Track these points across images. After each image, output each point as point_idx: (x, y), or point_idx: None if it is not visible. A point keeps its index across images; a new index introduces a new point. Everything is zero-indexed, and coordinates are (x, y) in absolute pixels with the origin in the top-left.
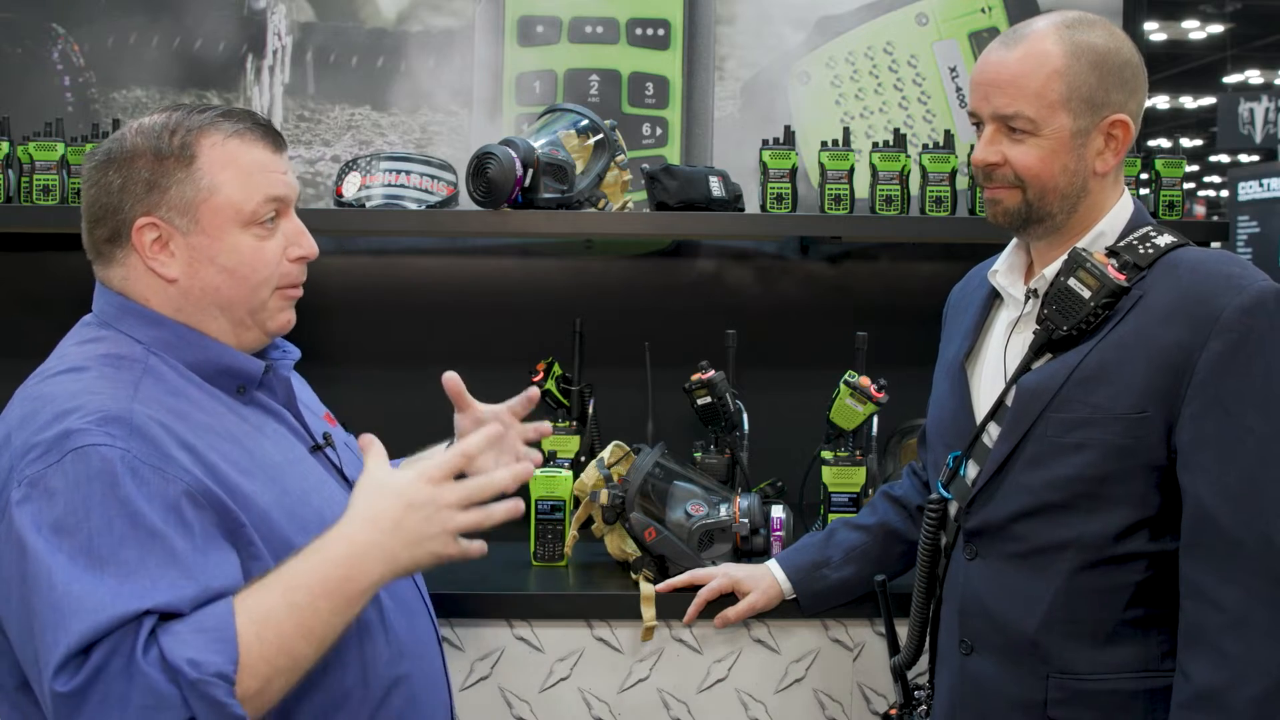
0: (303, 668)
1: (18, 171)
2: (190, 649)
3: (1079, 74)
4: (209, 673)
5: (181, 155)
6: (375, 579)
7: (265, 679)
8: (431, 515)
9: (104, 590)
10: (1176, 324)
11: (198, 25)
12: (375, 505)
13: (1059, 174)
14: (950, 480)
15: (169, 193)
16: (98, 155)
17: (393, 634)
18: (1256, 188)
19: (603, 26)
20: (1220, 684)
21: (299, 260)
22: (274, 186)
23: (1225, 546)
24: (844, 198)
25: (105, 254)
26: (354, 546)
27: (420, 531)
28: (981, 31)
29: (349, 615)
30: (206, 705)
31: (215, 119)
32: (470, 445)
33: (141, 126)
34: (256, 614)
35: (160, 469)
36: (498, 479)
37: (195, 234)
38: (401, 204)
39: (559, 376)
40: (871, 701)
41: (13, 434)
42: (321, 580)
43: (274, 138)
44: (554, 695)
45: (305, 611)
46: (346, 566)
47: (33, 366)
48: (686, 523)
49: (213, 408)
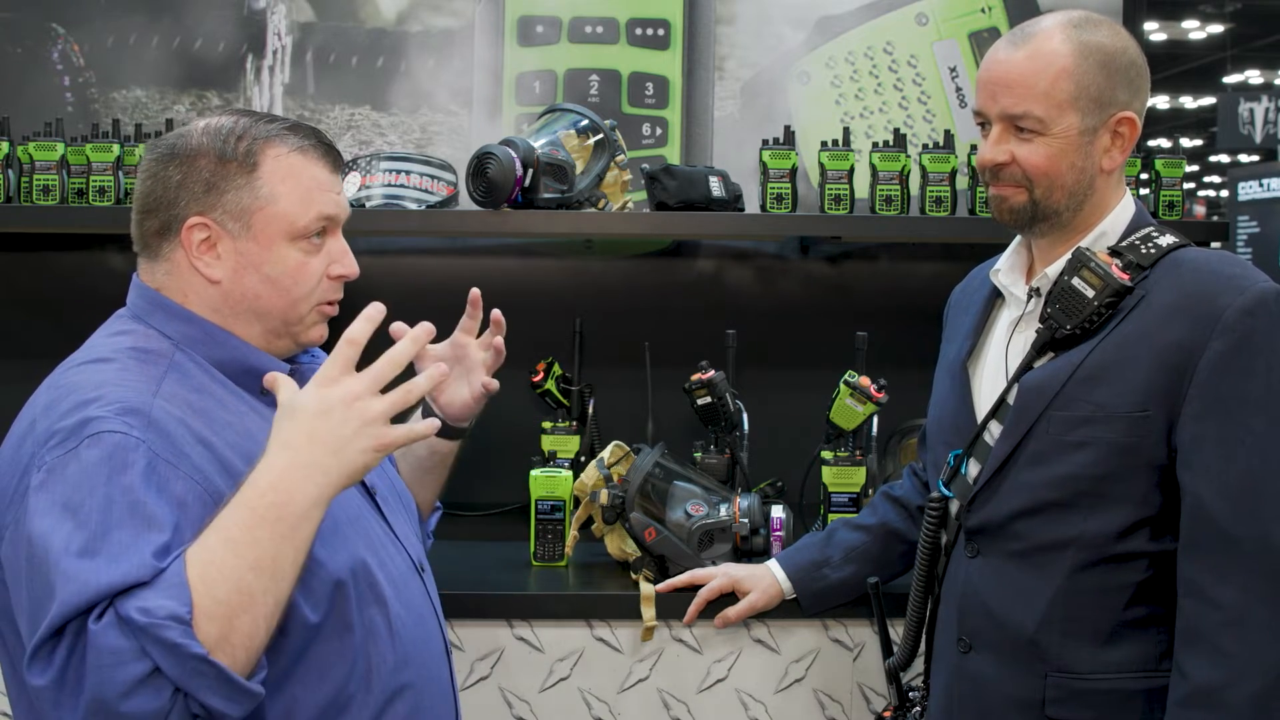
0: (265, 602)
1: (18, 171)
2: (140, 600)
3: (1087, 73)
4: (160, 616)
5: (245, 162)
6: (311, 497)
7: (224, 619)
8: (344, 415)
9: (89, 571)
10: (1178, 324)
11: (198, 25)
12: (286, 428)
13: (1066, 172)
14: (951, 478)
15: (226, 196)
16: (160, 148)
17: (399, 640)
18: (1256, 188)
19: (603, 26)
20: (1218, 682)
21: (339, 278)
22: (327, 205)
23: (1224, 545)
24: (844, 198)
25: (152, 246)
26: (275, 473)
27: (338, 434)
28: (981, 31)
29: (297, 540)
30: (163, 649)
31: (282, 131)
32: (353, 330)
33: (209, 127)
34: (200, 558)
35: (173, 464)
36: (398, 353)
37: (245, 240)
38: (401, 204)
39: (559, 376)
40: (871, 701)
41: (37, 420)
42: (251, 512)
43: (335, 158)
44: (554, 695)
45: (244, 545)
46: (274, 493)
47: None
48: (686, 523)
49: (235, 406)
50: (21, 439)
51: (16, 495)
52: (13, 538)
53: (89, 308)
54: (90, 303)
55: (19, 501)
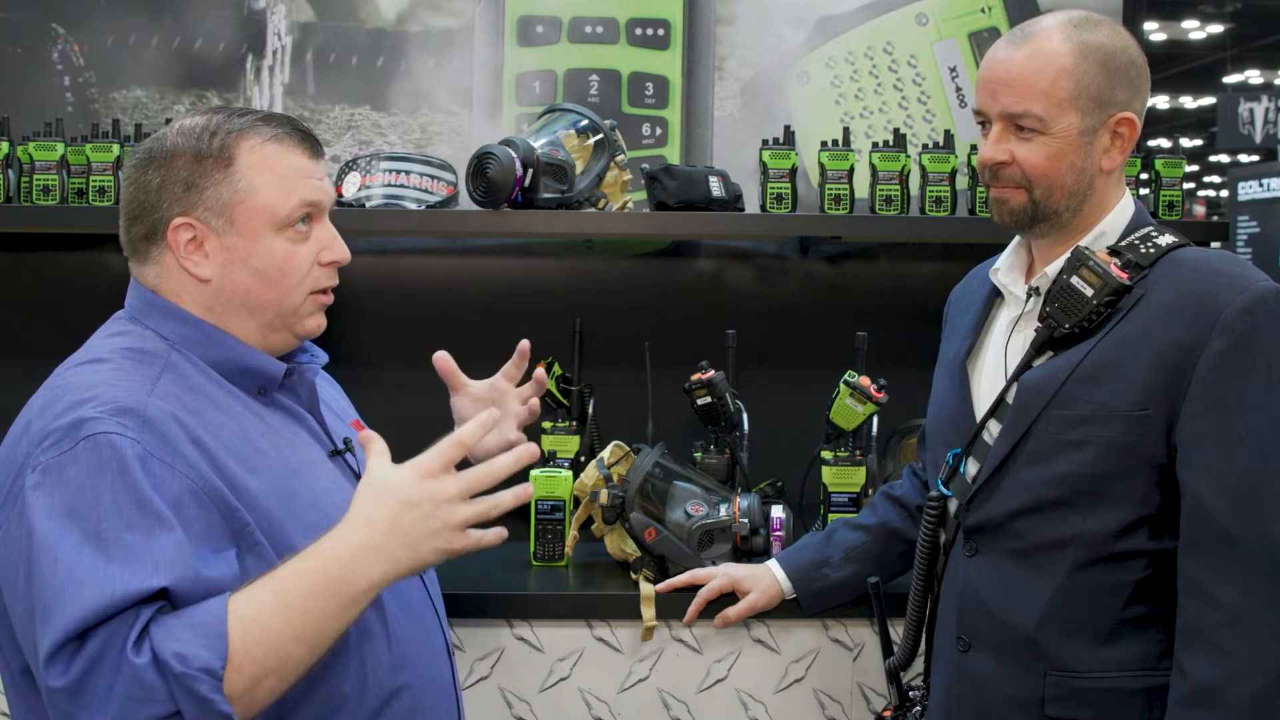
0: (294, 669)
1: (18, 171)
2: (179, 643)
3: (1087, 73)
4: (195, 667)
5: (220, 157)
6: (374, 581)
7: (253, 679)
8: (430, 513)
9: (106, 574)
10: (1178, 323)
11: (198, 25)
12: (371, 506)
13: (1066, 173)
14: (950, 477)
15: (206, 193)
16: (139, 153)
17: (395, 642)
18: (1256, 188)
19: (603, 26)
20: (1218, 681)
21: (331, 265)
22: (309, 192)
23: (1224, 544)
24: (844, 198)
25: (141, 251)
26: (348, 548)
27: (419, 530)
28: (981, 31)
29: (345, 618)
30: (192, 700)
31: (255, 123)
32: (466, 434)
33: (183, 127)
34: (247, 613)
35: (168, 464)
36: (498, 466)
37: (230, 235)
38: (401, 204)
39: (559, 376)
40: (871, 701)
41: (33, 421)
42: (313, 582)
43: (311, 144)
44: (554, 695)
45: (295, 612)
46: (340, 568)
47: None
48: (686, 523)
49: (231, 406)
50: (17, 439)
51: (11, 495)
52: (6, 537)
53: (89, 308)
54: (90, 303)
55: (14, 501)
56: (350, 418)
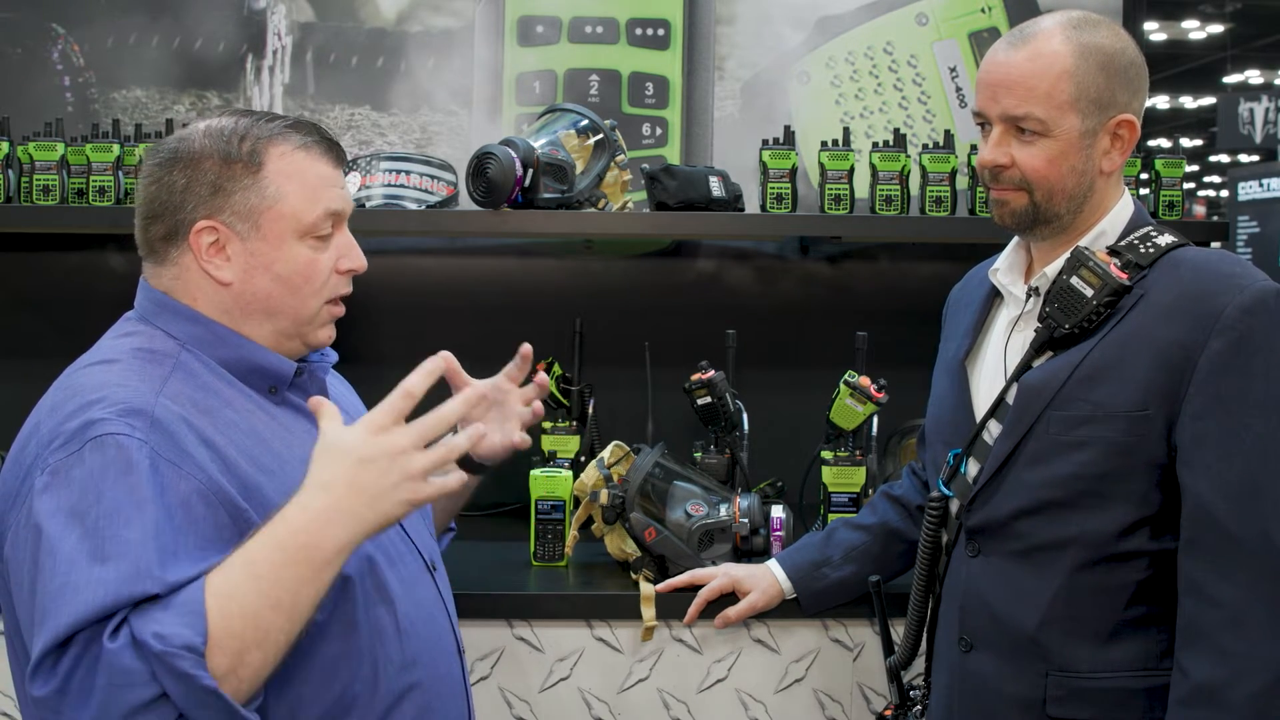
0: (276, 640)
1: (18, 171)
2: (157, 624)
3: (1087, 74)
4: (176, 645)
5: (250, 162)
6: (343, 543)
7: (235, 653)
8: (388, 467)
9: (99, 578)
10: (1177, 323)
11: (198, 25)
12: (328, 470)
13: (1067, 175)
14: (951, 478)
15: (234, 197)
16: (162, 152)
17: (407, 640)
18: (1256, 188)
19: (603, 26)
20: (1219, 680)
21: (347, 273)
22: (334, 201)
23: (1224, 544)
24: (844, 198)
25: (159, 251)
26: (309, 513)
27: (379, 485)
28: (981, 31)
29: (321, 582)
30: (174, 678)
31: (285, 129)
32: (412, 384)
33: (210, 129)
34: (222, 589)
35: (175, 464)
36: (448, 410)
37: (254, 240)
38: (401, 204)
39: (559, 376)
40: (871, 701)
41: (42, 422)
42: (281, 550)
43: (337, 153)
44: (554, 695)
45: (268, 582)
46: (306, 534)
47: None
48: (686, 523)
49: (242, 405)
50: (26, 440)
51: (20, 496)
52: (14, 540)
53: (89, 308)
54: (90, 303)
55: (23, 503)
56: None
